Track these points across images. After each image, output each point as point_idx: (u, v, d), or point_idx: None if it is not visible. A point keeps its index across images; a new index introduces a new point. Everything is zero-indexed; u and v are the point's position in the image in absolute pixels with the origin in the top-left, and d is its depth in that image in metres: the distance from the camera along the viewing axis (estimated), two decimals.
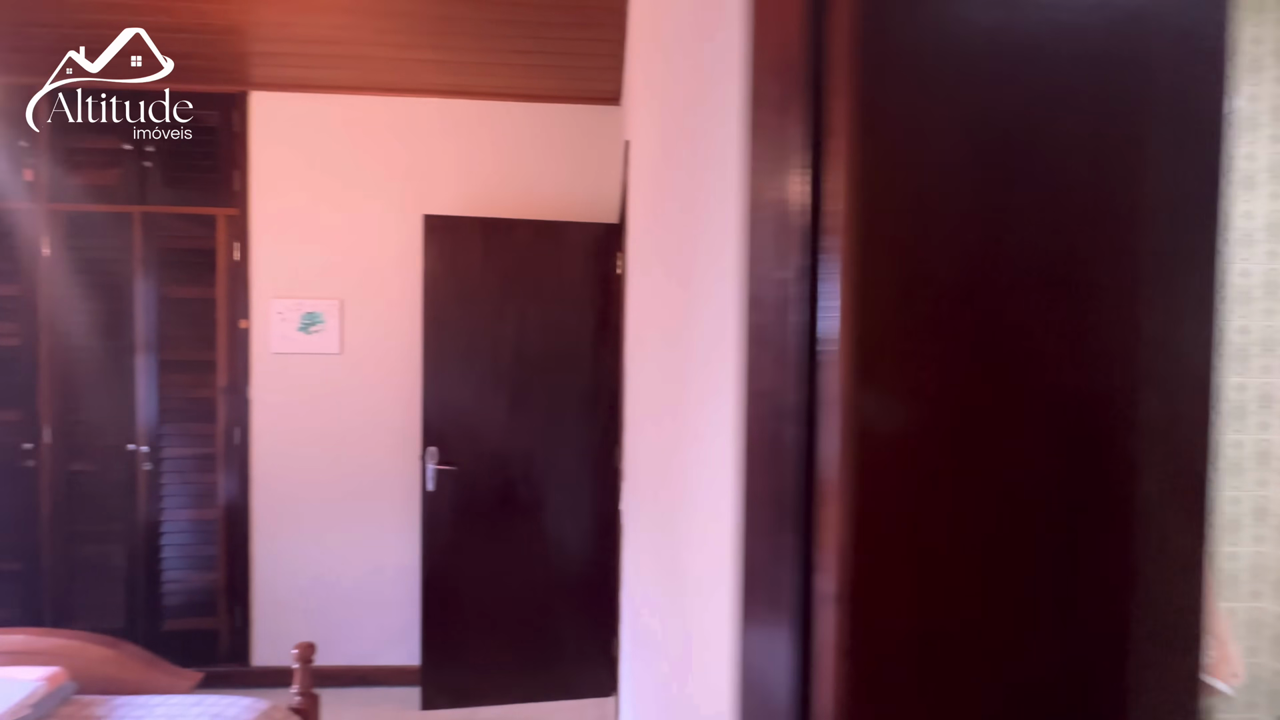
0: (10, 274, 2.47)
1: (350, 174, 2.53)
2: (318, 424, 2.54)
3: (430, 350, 2.35)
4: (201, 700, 1.57)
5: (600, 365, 2.45)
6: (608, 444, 2.46)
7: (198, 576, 2.54)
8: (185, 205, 2.49)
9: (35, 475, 2.48)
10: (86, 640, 1.68)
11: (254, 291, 2.52)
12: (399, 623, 2.56)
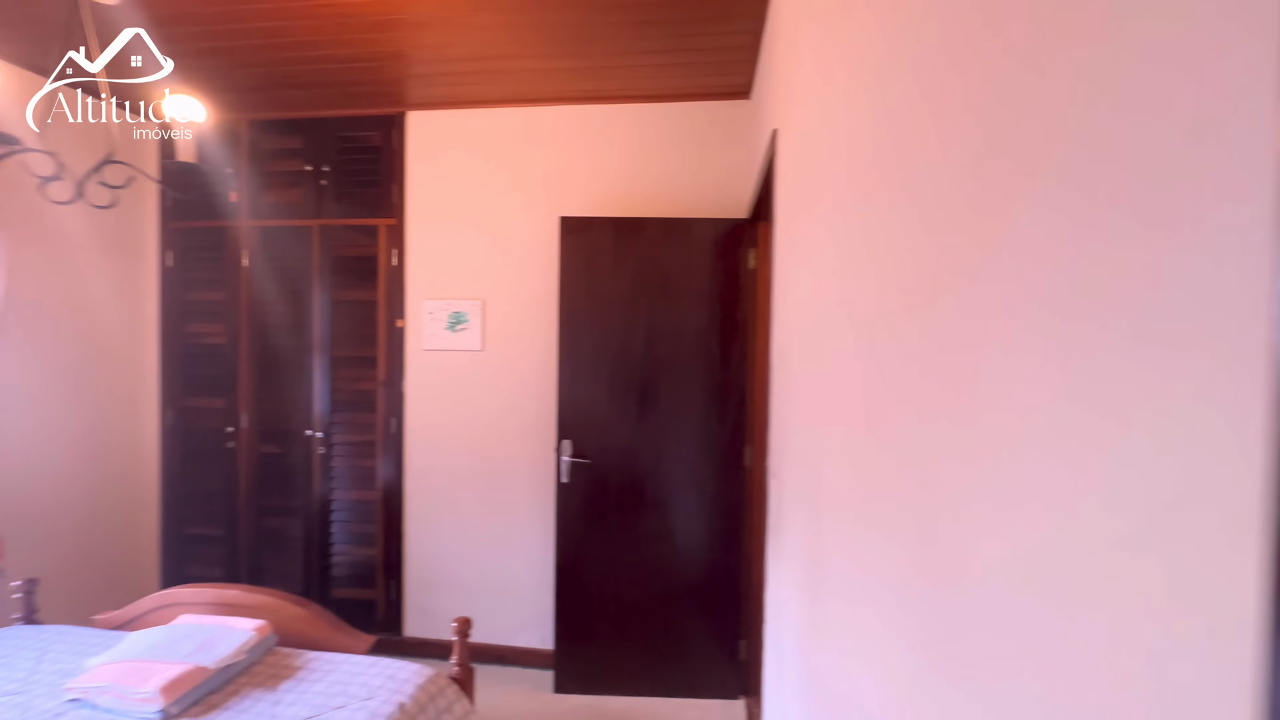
0: (219, 282, 2.89)
1: (493, 182, 2.70)
2: (462, 416, 2.73)
3: (565, 347, 2.45)
4: (377, 662, 1.73)
5: (729, 362, 2.42)
6: (736, 443, 2.43)
7: (360, 551, 2.82)
8: (353, 217, 2.78)
9: (235, 456, 2.88)
10: (283, 599, 1.91)
11: (409, 293, 2.76)
12: (533, 607, 2.69)
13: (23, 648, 1.76)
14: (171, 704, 1.47)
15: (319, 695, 1.57)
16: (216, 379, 2.90)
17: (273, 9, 1.94)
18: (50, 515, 2.51)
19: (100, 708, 1.49)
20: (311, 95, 2.61)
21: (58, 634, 1.84)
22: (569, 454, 2.44)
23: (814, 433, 0.98)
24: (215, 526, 2.91)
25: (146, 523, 2.95)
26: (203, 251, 2.90)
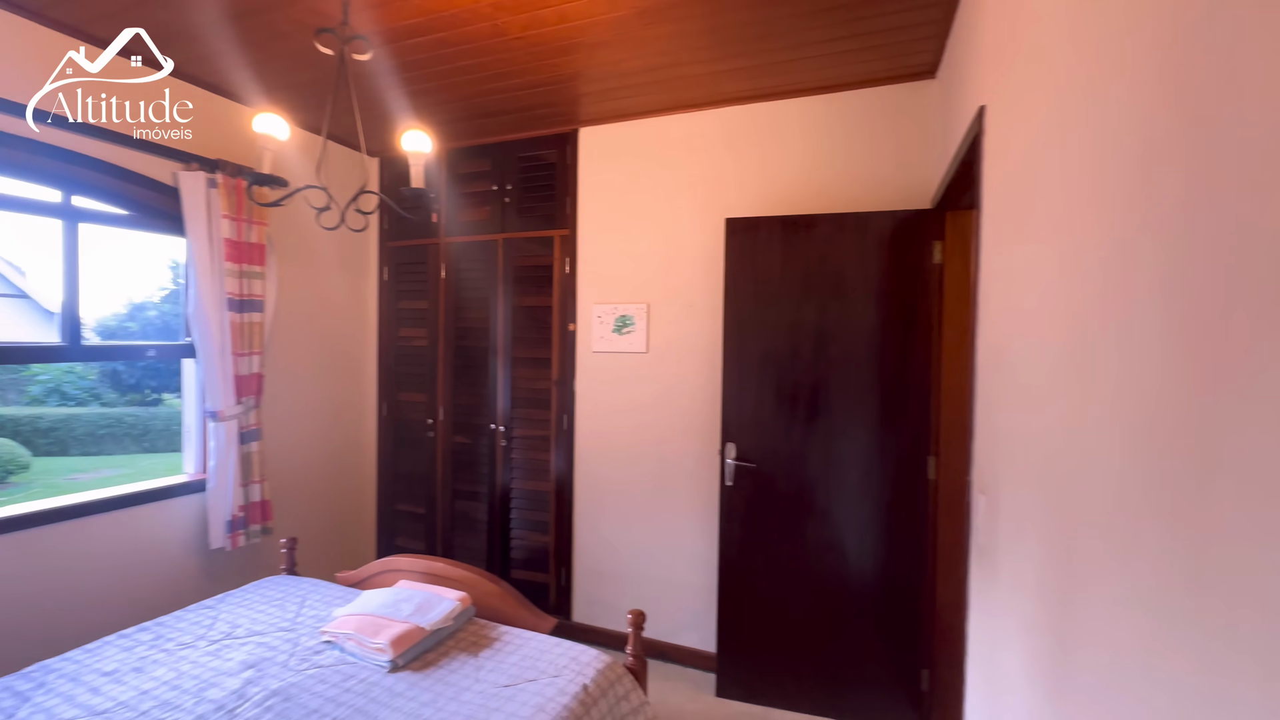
0: (422, 293, 3.32)
1: (658, 188, 2.77)
2: (628, 415, 2.84)
3: (729, 349, 2.43)
4: (560, 643, 1.85)
5: (909, 364, 2.23)
6: (918, 452, 2.23)
7: (535, 537, 3.06)
8: (531, 230, 3.03)
9: (434, 444, 3.28)
10: (480, 575, 2.12)
11: (580, 299, 2.93)
12: (695, 606, 2.70)
13: (290, 594, 2.16)
14: (399, 656, 1.70)
15: (513, 666, 1.72)
16: (420, 377, 3.33)
17: (475, 48, 2.18)
18: (304, 486, 3.06)
19: (346, 651, 1.77)
20: (499, 122, 2.89)
21: (312, 585, 2.23)
22: (733, 456, 2.42)
23: (1060, 444, 0.86)
24: (418, 505, 3.34)
25: (366, 498, 3.47)
26: (410, 266, 3.35)
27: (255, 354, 2.63)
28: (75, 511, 2.19)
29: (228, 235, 2.50)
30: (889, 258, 2.25)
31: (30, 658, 1.95)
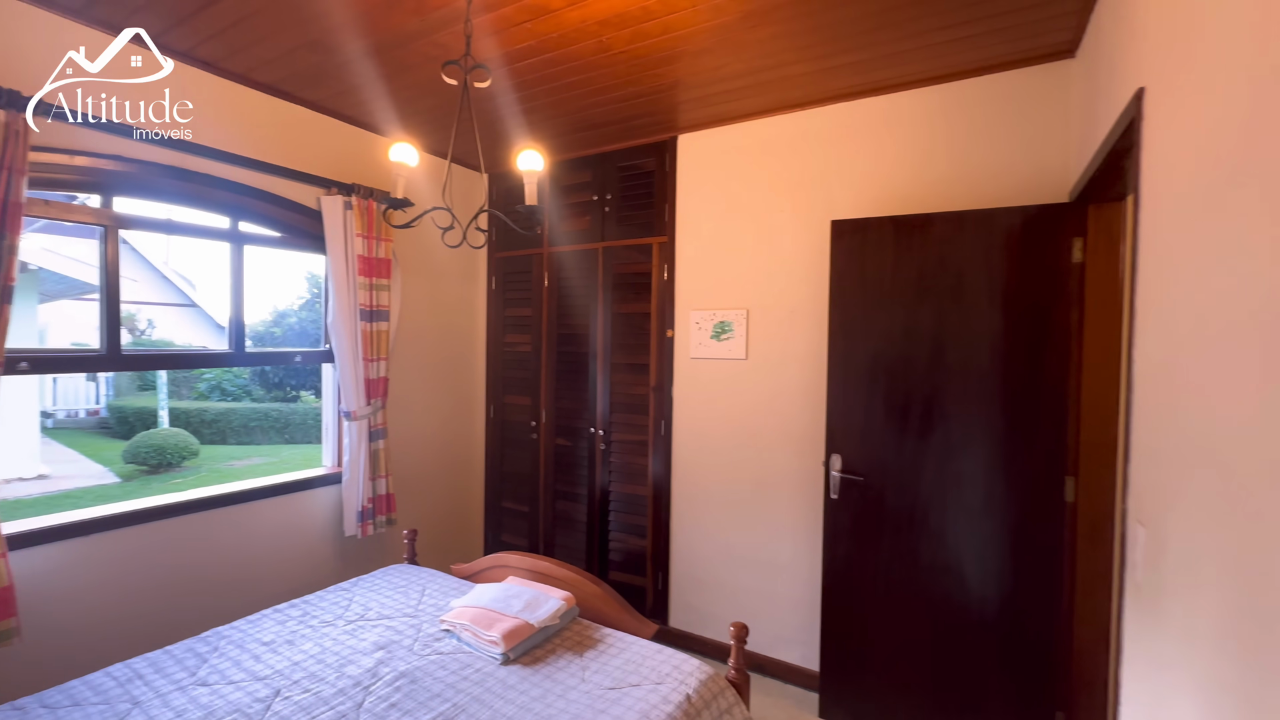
0: (527, 300, 3.48)
1: (759, 192, 2.72)
2: (726, 422, 2.81)
3: (835, 356, 2.33)
4: (662, 650, 1.86)
5: (1042, 374, 2.03)
6: (1053, 472, 2.02)
7: (632, 540, 3.10)
8: (630, 238, 3.08)
9: (537, 445, 3.43)
10: (584, 576, 2.18)
11: (678, 305, 2.94)
12: (795, 621, 2.62)
13: (413, 582, 2.34)
14: (510, 649, 1.79)
15: (617, 669, 1.75)
16: (524, 380, 3.49)
17: (580, 65, 2.25)
18: (421, 481, 3.31)
19: (462, 640, 1.89)
20: (600, 134, 2.97)
21: (431, 575, 2.40)
22: (839, 469, 2.32)
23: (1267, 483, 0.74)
24: (522, 503, 3.50)
25: (475, 495, 3.69)
26: (516, 276, 3.52)
27: (382, 359, 2.88)
28: (240, 497, 2.51)
29: (360, 252, 2.76)
30: (1017, 257, 2.06)
31: (203, 623, 2.25)
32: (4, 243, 1.74)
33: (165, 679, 1.66)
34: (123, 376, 11.41)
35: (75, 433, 10.29)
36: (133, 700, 1.56)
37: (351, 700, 1.58)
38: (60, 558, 2.00)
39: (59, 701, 1.55)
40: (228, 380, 11.56)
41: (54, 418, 10.64)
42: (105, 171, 2.09)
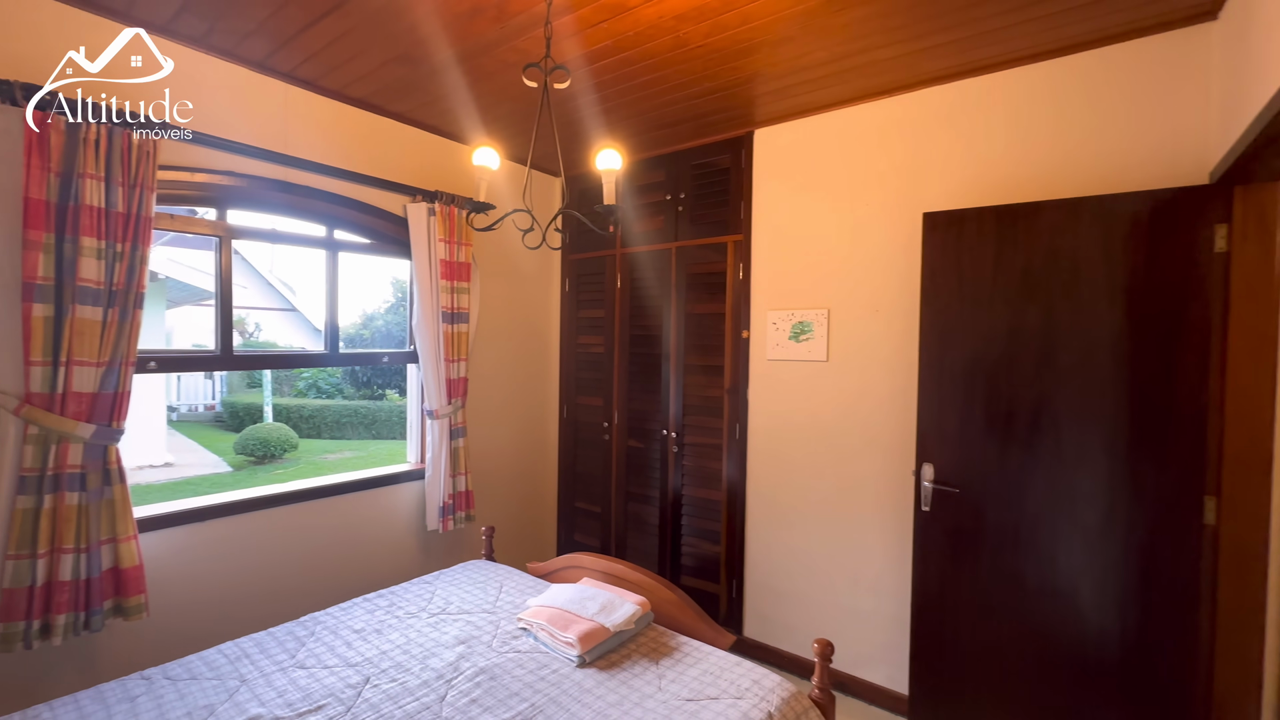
0: (599, 302, 3.49)
1: (841, 186, 2.59)
2: (805, 427, 2.69)
3: (927, 358, 2.18)
4: (741, 662, 1.79)
5: (1176, 379, 1.80)
6: (1190, 490, 1.78)
7: (705, 545, 3.03)
8: (704, 237, 3.02)
9: (609, 446, 3.43)
10: (658, 581, 2.15)
11: (754, 305, 2.85)
12: (881, 640, 2.47)
13: (490, 578, 2.38)
14: (586, 652, 1.78)
15: (694, 680, 1.70)
16: (597, 382, 3.50)
17: (656, 62, 2.22)
18: (497, 479, 3.39)
19: (538, 639, 1.90)
20: (674, 132, 2.93)
21: (508, 572, 2.44)
22: (930, 479, 2.16)
23: None
24: (594, 504, 3.52)
25: (549, 494, 3.74)
26: (589, 277, 3.54)
27: (462, 360, 2.97)
28: (334, 490, 2.66)
29: (442, 256, 2.86)
30: (1144, 248, 1.84)
31: (300, 607, 2.40)
32: (137, 253, 1.91)
33: (268, 659, 1.77)
34: (234, 375, 12.53)
35: (195, 425, 11.39)
36: (240, 678, 1.67)
37: (435, 693, 1.61)
38: (178, 541, 2.18)
39: (179, 674, 1.68)
40: (322, 379, 12.43)
41: (178, 412, 11.83)
42: (220, 186, 2.27)
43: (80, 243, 1.80)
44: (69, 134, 1.79)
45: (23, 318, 1.74)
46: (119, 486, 1.90)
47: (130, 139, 1.89)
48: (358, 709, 1.54)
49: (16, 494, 1.75)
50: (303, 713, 1.52)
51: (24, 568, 1.74)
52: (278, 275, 13.96)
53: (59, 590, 1.78)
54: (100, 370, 1.86)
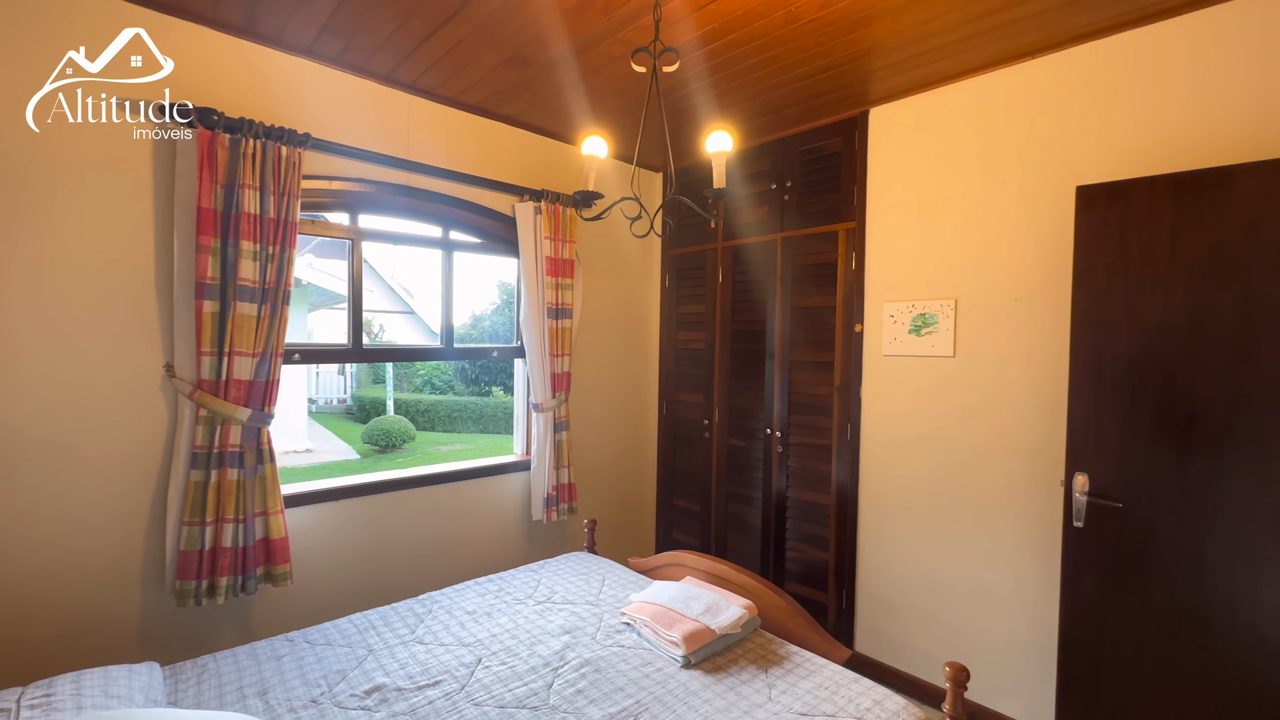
0: (700, 297, 3.43)
1: (972, 162, 2.35)
2: (927, 429, 2.47)
3: (1081, 353, 1.90)
4: (859, 679, 1.65)
5: None
6: None
7: (812, 551, 2.87)
8: (812, 226, 2.86)
9: (709, 445, 3.35)
10: (765, 586, 2.05)
11: (868, 297, 2.66)
12: (1018, 669, 2.20)
13: (593, 570, 2.40)
14: (690, 653, 1.72)
15: (807, 694, 1.59)
16: (697, 378, 3.44)
17: (764, 42, 2.12)
18: (597, 474, 3.42)
19: (641, 635, 1.87)
20: (780, 118, 2.80)
21: (609, 566, 2.44)
22: (1085, 490, 1.89)
23: None
24: (694, 502, 3.46)
25: (648, 491, 3.73)
26: (689, 272, 3.49)
27: (565, 355, 3.02)
28: (448, 477, 2.80)
29: (548, 253, 2.92)
30: None
31: (416, 586, 2.54)
32: (284, 255, 2.11)
33: (391, 632, 1.88)
34: (362, 372, 13.80)
35: (329, 417, 12.66)
36: (368, 648, 1.78)
37: (543, 680, 1.63)
38: (315, 518, 2.39)
39: (316, 639, 1.82)
40: (436, 376, 13.38)
41: (316, 404, 13.21)
42: (352, 193, 2.46)
43: (240, 246, 2.01)
44: (231, 148, 2.01)
45: (196, 314, 1.97)
46: (269, 465, 2.11)
47: (280, 152, 2.09)
48: (471, 687, 1.59)
49: (190, 468, 1.99)
50: (422, 685, 1.59)
51: (195, 533, 1.97)
52: (398, 281, 15.22)
53: (222, 555, 2.01)
54: (255, 360, 2.07)
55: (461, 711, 1.48)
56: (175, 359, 2.01)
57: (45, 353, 1.83)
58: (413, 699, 1.53)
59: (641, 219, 1.63)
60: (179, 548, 1.97)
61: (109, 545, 1.94)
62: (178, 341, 2.00)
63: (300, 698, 1.52)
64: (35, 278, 1.80)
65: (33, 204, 1.79)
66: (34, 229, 1.80)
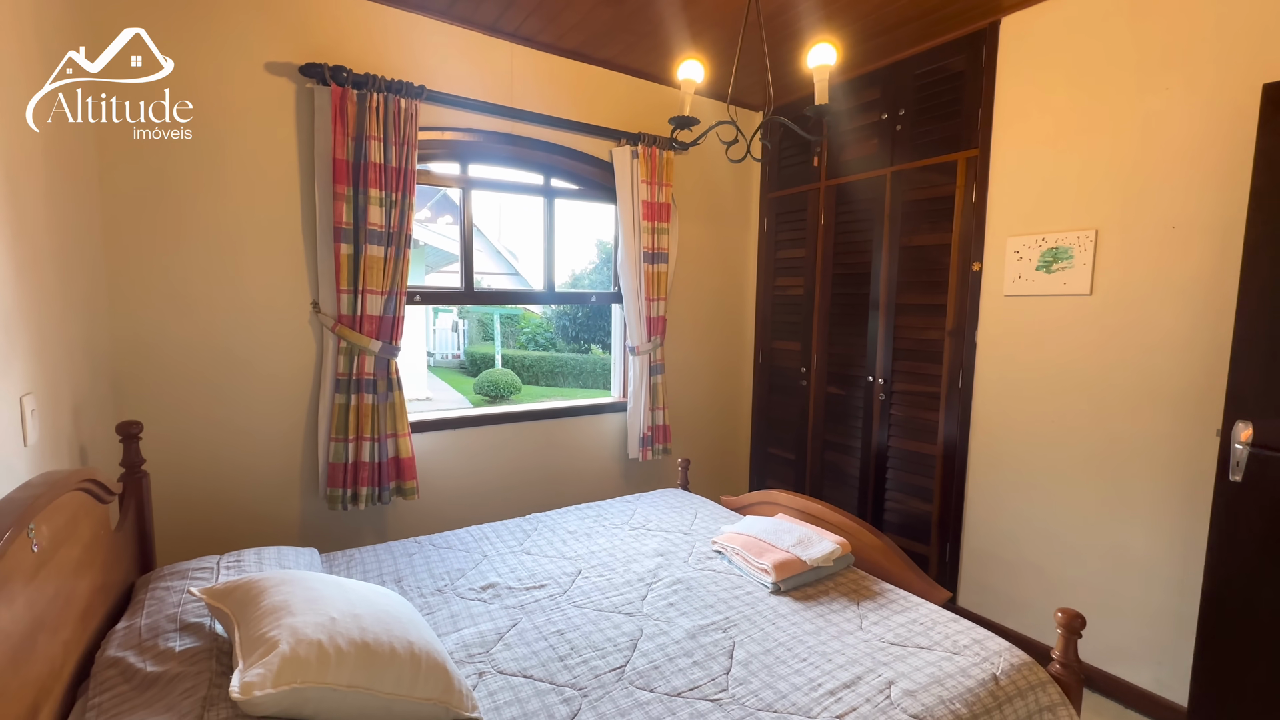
0: (800, 241, 3.30)
1: (1127, 69, 2.04)
2: (1053, 374, 2.26)
3: (1255, 287, 1.64)
4: (959, 619, 1.60)
5: None
6: None
7: (914, 503, 2.77)
8: (928, 157, 2.64)
9: (806, 392, 3.28)
10: (862, 525, 2.01)
11: (989, 231, 2.44)
12: (1146, 634, 2.03)
13: (686, 505, 2.47)
14: (780, 580, 1.75)
15: (901, 626, 1.57)
16: (794, 325, 3.35)
17: None
18: (692, 418, 3.48)
19: (732, 563, 1.92)
20: (895, 38, 2.58)
21: (702, 502, 2.51)
22: (1246, 441, 1.66)
23: None
24: (789, 451, 3.43)
25: (741, 437, 3.74)
26: (789, 215, 3.36)
27: (661, 299, 3.06)
28: (554, 414, 2.99)
29: (644, 197, 2.94)
30: None
31: (524, 509, 2.76)
32: (405, 201, 2.30)
33: (503, 543, 2.07)
34: (474, 329, 14.77)
35: (445, 370, 13.75)
36: (483, 553, 1.99)
37: (636, 592, 1.74)
38: (436, 443, 2.65)
39: (440, 544, 2.06)
40: (539, 334, 14.03)
41: (434, 358, 14.38)
42: (461, 142, 2.61)
43: (369, 193, 2.21)
44: (359, 103, 2.19)
45: (334, 256, 2.22)
46: (398, 393, 2.36)
47: (400, 104, 2.25)
48: (572, 592, 1.73)
49: (335, 393, 2.27)
50: (529, 587, 1.75)
51: (340, 449, 2.27)
52: (504, 244, 15.97)
53: (362, 469, 2.30)
54: (383, 297, 2.30)
55: (564, 611, 1.62)
56: (320, 296, 2.28)
57: (227, 290, 2.15)
58: (521, 596, 1.70)
59: (738, 143, 1.60)
60: (329, 460, 2.27)
61: (276, 453, 2.29)
62: (321, 281, 2.27)
63: (428, 587, 1.74)
64: (214, 233, 2.11)
65: (203, 179, 2.08)
66: (209, 197, 2.09)
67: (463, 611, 1.60)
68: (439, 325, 14.92)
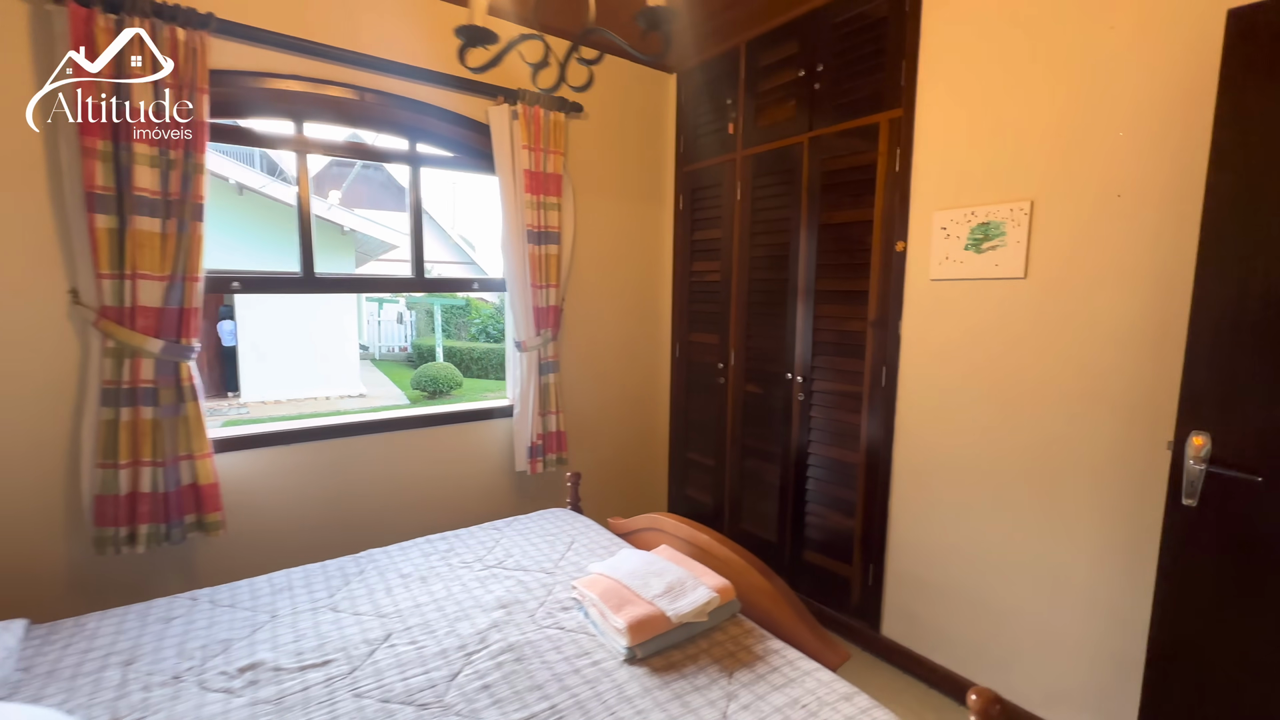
0: (716, 220, 2.91)
1: (1063, 11, 1.70)
2: (983, 370, 1.93)
3: (1215, 268, 1.31)
4: (855, 694, 1.24)
5: None
6: None
7: (835, 517, 2.43)
8: (847, 120, 2.27)
9: (724, 391, 2.91)
10: (751, 564, 1.65)
11: (914, 205, 2.09)
12: (1086, 675, 1.72)
13: (564, 531, 2.07)
14: (637, 645, 1.37)
15: (776, 712, 1.20)
16: (712, 315, 2.97)
17: None
18: (598, 422, 3.07)
19: (589, 617, 1.53)
20: None
21: (585, 527, 2.11)
22: (1202, 456, 1.34)
23: None
24: (708, 456, 3.06)
25: (659, 442, 3.36)
26: (705, 191, 2.97)
27: (552, 287, 2.64)
28: (420, 421, 2.54)
29: (526, 166, 2.50)
30: None
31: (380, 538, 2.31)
32: (190, 161, 1.81)
33: (307, 595, 1.63)
34: (421, 320, 14.05)
35: (390, 364, 13.03)
36: (272, 613, 1.54)
37: (450, 667, 1.33)
38: (271, 463, 2.18)
39: (222, 599, 1.60)
40: (491, 324, 13.42)
41: (376, 350, 13.63)
42: (293, 93, 2.12)
43: (134, 150, 1.72)
44: (116, 30, 1.69)
45: (89, 229, 1.72)
46: (192, 404, 1.88)
47: (176, 35, 1.76)
48: (362, 672, 1.31)
49: (100, 406, 1.78)
50: (307, 665, 1.33)
51: (110, 477, 1.79)
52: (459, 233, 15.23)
53: (141, 501, 1.82)
54: (164, 284, 1.81)
55: (336, 704, 1.20)
56: (78, 283, 1.78)
57: None
58: (287, 682, 1.27)
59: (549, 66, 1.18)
60: (95, 491, 1.79)
61: (25, 486, 1.78)
62: (78, 262, 1.76)
63: (165, 671, 1.29)
64: None
65: None
66: None
67: (187, 716, 1.16)
68: (384, 316, 14.17)
